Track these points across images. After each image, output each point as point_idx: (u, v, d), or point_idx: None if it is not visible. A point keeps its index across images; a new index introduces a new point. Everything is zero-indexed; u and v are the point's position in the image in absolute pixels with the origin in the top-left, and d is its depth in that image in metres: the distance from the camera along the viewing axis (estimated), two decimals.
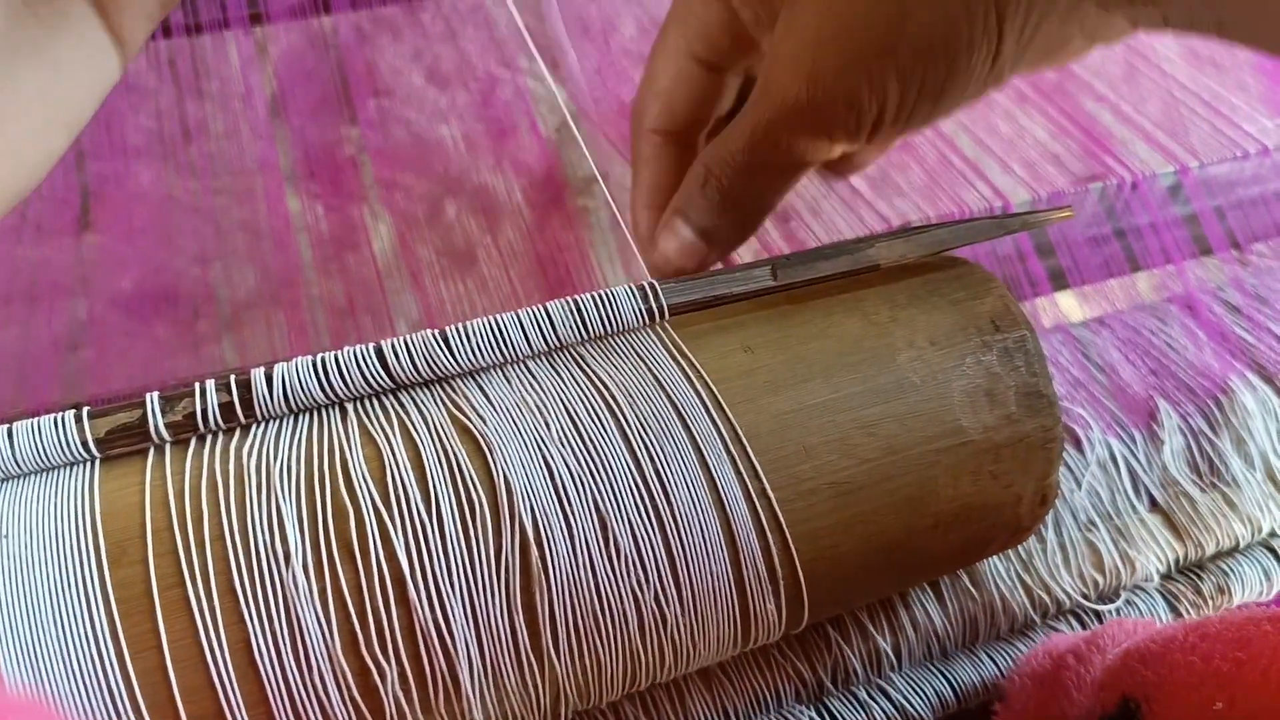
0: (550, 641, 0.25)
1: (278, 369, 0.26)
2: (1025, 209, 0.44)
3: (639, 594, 0.26)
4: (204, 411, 0.25)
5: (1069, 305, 0.46)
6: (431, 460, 0.25)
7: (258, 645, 0.23)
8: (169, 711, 0.23)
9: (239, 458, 0.25)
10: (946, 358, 0.29)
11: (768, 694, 0.34)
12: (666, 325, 0.29)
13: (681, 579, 0.26)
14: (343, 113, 0.51)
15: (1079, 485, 0.40)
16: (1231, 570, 0.39)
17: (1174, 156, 0.46)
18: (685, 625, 0.26)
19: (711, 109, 0.38)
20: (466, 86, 0.52)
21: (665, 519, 0.26)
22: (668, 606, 0.26)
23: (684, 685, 0.33)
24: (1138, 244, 0.46)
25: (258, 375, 0.26)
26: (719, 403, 0.27)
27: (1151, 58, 0.51)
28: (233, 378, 0.26)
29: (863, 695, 0.34)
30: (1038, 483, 0.30)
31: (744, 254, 0.40)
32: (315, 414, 0.26)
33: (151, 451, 0.25)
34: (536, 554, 0.25)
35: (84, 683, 0.22)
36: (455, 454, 0.26)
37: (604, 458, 0.26)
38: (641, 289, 0.28)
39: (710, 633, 0.27)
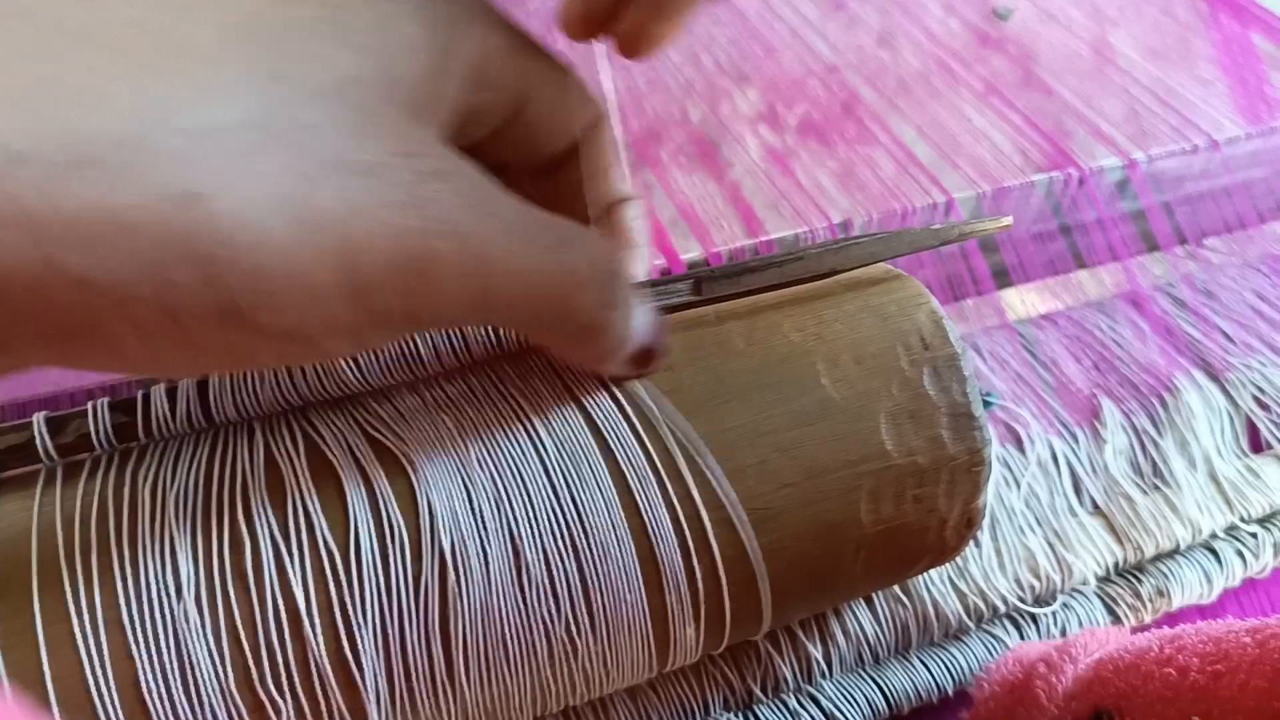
0: (462, 669, 0.25)
1: (181, 386, 0.26)
2: (969, 203, 0.44)
3: (549, 623, 0.25)
4: (97, 432, 0.25)
5: (1015, 301, 0.46)
6: (349, 481, 0.25)
7: (146, 682, 0.22)
8: None
9: (133, 483, 0.24)
10: (872, 378, 0.28)
11: (695, 704, 0.33)
12: None
13: (595, 608, 0.26)
14: None
15: (1018, 486, 0.39)
16: (1171, 573, 0.39)
17: (1125, 151, 0.45)
18: (598, 654, 0.26)
19: None
20: None
21: (581, 547, 0.25)
22: (579, 636, 0.26)
23: (608, 697, 0.32)
24: (1084, 240, 0.45)
25: (157, 393, 0.25)
26: (647, 421, 0.26)
27: (1107, 53, 0.50)
28: (140, 394, 0.25)
29: (793, 703, 0.34)
30: (964, 505, 0.29)
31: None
32: (219, 433, 0.26)
33: (43, 474, 0.24)
34: (453, 579, 0.24)
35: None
36: (373, 474, 0.25)
37: (520, 482, 0.25)
38: None
39: (625, 660, 0.27)
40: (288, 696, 0.23)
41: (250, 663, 0.23)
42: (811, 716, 0.34)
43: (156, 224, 0.16)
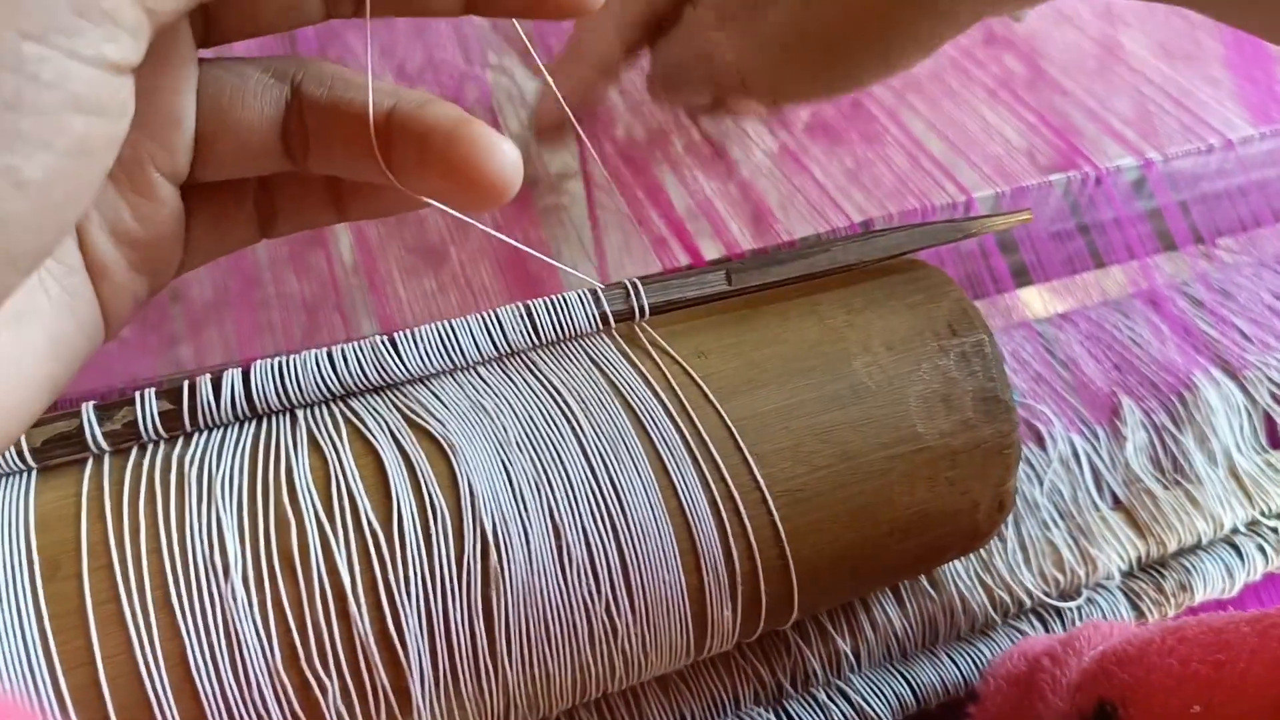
0: (504, 648, 0.25)
1: (226, 375, 0.26)
2: (987, 201, 0.44)
3: (590, 603, 0.25)
4: (144, 420, 0.25)
5: (1034, 301, 0.46)
6: (391, 463, 0.25)
7: (195, 661, 0.23)
8: None
9: (180, 467, 0.24)
10: (902, 363, 0.28)
11: (726, 697, 0.33)
12: (622, 330, 0.28)
13: (635, 589, 0.26)
14: None
15: (1041, 483, 0.40)
16: (1194, 568, 0.39)
17: (1139, 151, 0.46)
18: (637, 635, 0.26)
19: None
20: (439, 82, 0.52)
21: (620, 528, 0.26)
22: (619, 616, 0.26)
23: (640, 689, 0.32)
24: (1101, 239, 0.45)
25: (202, 382, 0.25)
26: (682, 406, 0.27)
27: (1119, 53, 0.51)
28: (186, 383, 0.26)
29: (822, 697, 0.34)
30: (995, 489, 0.29)
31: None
32: (262, 421, 0.26)
33: (90, 461, 0.25)
34: (495, 559, 0.25)
35: (16, 700, 0.22)
36: (415, 456, 0.25)
37: (560, 464, 0.26)
38: (594, 294, 0.28)
39: (663, 642, 0.27)
40: (333, 675, 0.23)
41: (297, 641, 0.23)
42: (841, 710, 0.34)
43: None
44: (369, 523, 0.24)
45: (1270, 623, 0.25)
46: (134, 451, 0.25)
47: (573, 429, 0.26)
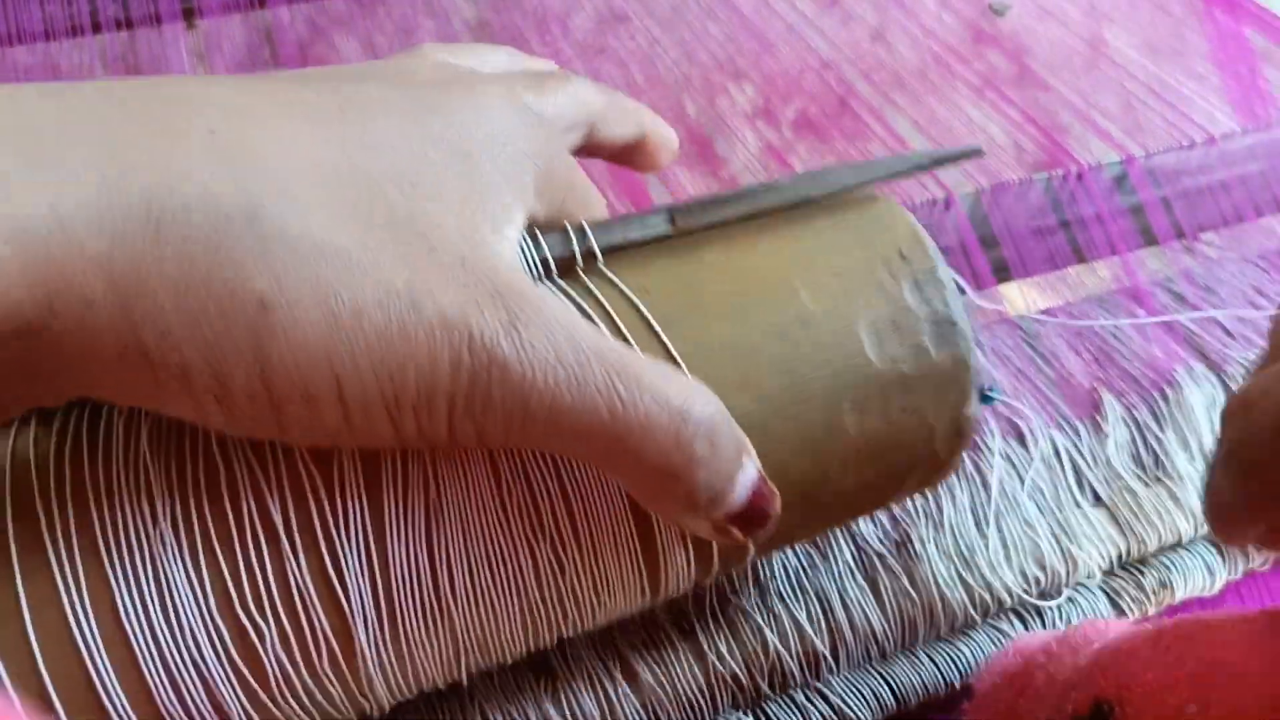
0: (448, 586, 0.24)
1: None
2: (968, 199, 0.44)
3: (533, 539, 0.25)
4: None
5: (1015, 296, 0.46)
6: None
7: (124, 608, 0.22)
8: (34, 681, 0.22)
9: (107, 420, 0.24)
10: (851, 290, 0.28)
11: (703, 700, 0.33)
12: (569, 270, 0.27)
13: (579, 523, 0.25)
14: None
15: (1023, 481, 0.39)
16: (1174, 565, 0.39)
17: (1122, 146, 0.45)
18: (586, 572, 0.26)
19: None
20: None
21: (561, 461, 0.25)
22: (564, 552, 0.25)
23: (614, 694, 0.32)
24: (1083, 235, 0.45)
25: None
26: (624, 339, 0.26)
27: (1104, 49, 0.50)
28: None
29: (800, 699, 0.34)
30: (951, 414, 0.29)
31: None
32: None
33: (16, 420, 0.24)
34: (435, 493, 0.24)
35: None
36: None
37: None
38: (534, 237, 0.27)
39: (614, 581, 0.26)
40: (269, 619, 0.23)
41: (230, 586, 0.23)
42: (820, 712, 0.34)
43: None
44: (303, 461, 0.24)
45: (1267, 622, 0.25)
46: (59, 410, 0.24)
47: None
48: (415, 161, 0.22)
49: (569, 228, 0.27)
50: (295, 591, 0.23)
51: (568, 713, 0.32)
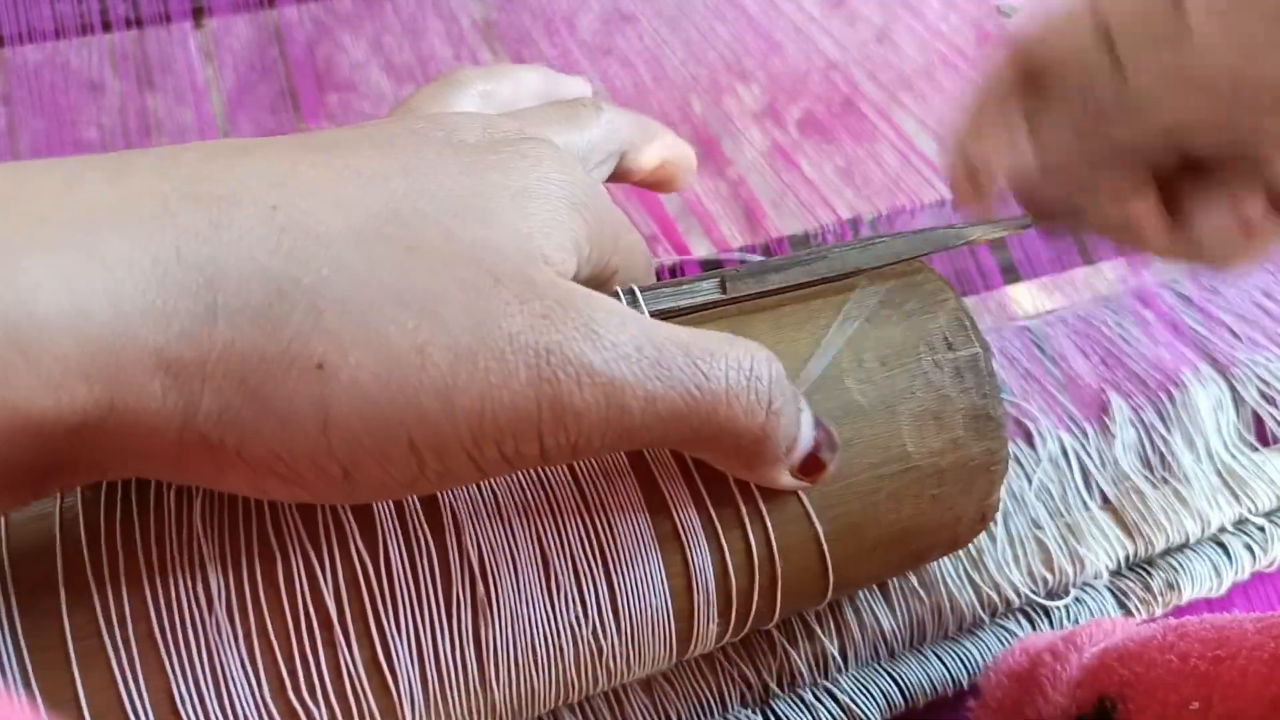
0: (493, 674, 0.25)
1: None
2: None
3: (577, 628, 0.25)
4: None
5: (1023, 297, 0.46)
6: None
7: (180, 695, 0.22)
8: None
9: (158, 493, 0.24)
10: (896, 379, 0.28)
11: (712, 698, 0.33)
12: None
13: (622, 613, 0.26)
14: (298, 107, 0.50)
15: (1030, 481, 0.40)
16: (1181, 567, 0.39)
17: None
18: (622, 654, 0.26)
19: None
20: (429, 77, 0.51)
21: (609, 554, 0.25)
22: (604, 638, 0.26)
23: (623, 692, 0.32)
24: (1090, 236, 0.45)
25: None
26: None
27: None
28: None
29: (809, 697, 0.34)
30: (979, 503, 0.29)
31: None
32: None
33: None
34: (483, 590, 0.24)
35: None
36: None
37: (547, 489, 0.26)
38: None
39: (647, 656, 0.27)
40: (320, 705, 0.23)
41: (284, 673, 0.23)
42: (828, 710, 0.34)
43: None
44: (357, 551, 0.24)
45: (1271, 621, 0.25)
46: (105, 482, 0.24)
47: None
48: (472, 199, 0.22)
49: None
50: (346, 678, 0.23)
51: (578, 711, 0.32)
